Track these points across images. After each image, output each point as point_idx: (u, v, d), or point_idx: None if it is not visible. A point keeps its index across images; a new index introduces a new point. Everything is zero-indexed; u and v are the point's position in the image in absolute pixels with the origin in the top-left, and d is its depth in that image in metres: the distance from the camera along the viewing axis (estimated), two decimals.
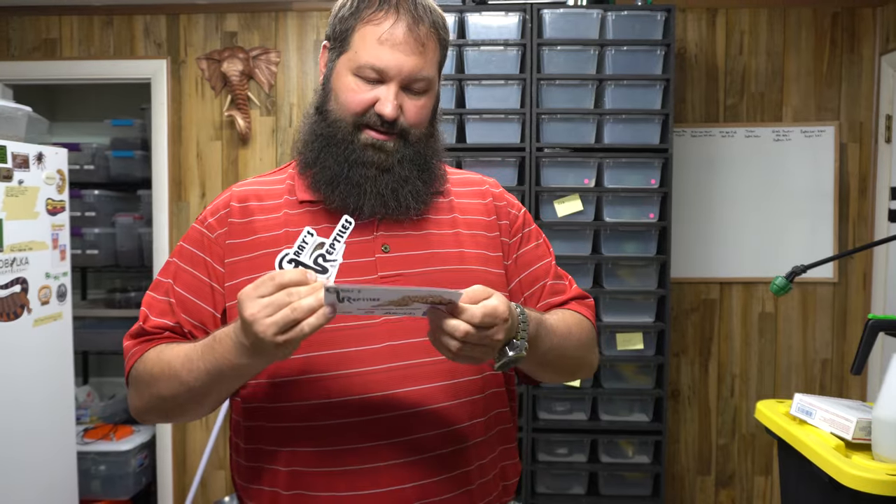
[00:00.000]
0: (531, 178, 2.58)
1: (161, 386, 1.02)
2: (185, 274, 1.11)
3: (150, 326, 1.09)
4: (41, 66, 3.20)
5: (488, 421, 1.14)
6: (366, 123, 1.07)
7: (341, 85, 1.08)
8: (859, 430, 1.48)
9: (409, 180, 1.10)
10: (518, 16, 2.57)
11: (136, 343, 1.09)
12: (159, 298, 1.11)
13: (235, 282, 1.07)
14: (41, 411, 2.54)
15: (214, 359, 0.95)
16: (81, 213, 3.52)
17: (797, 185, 3.03)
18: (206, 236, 1.12)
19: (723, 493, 3.13)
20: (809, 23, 3.00)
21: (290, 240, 1.05)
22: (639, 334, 2.60)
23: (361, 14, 1.07)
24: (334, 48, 1.11)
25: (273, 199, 1.14)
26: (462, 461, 1.09)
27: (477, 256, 1.16)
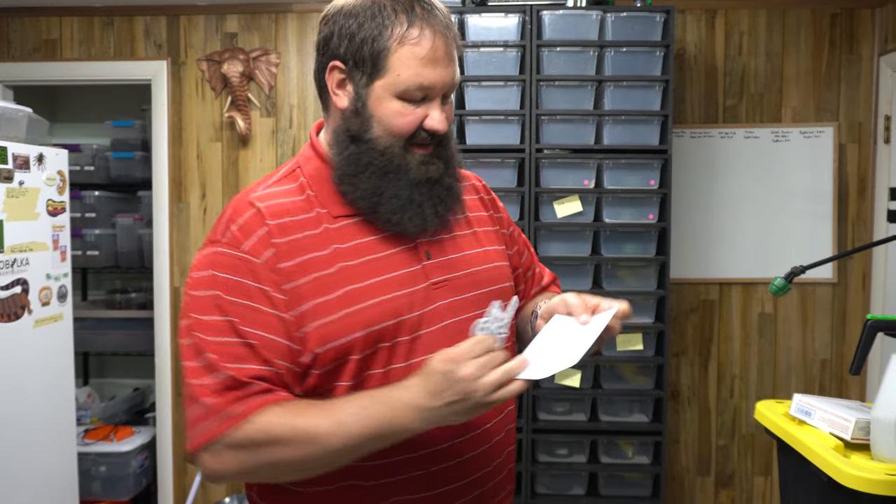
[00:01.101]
0: (531, 180, 2.58)
1: (290, 450, 0.94)
2: (245, 309, 0.98)
3: (244, 377, 0.96)
4: (41, 67, 3.20)
5: (512, 428, 1.22)
6: (414, 142, 1.07)
7: (386, 110, 1.05)
8: (858, 430, 1.48)
9: (452, 187, 1.13)
10: (517, 17, 2.57)
11: (233, 400, 0.95)
12: (225, 341, 0.97)
13: (304, 307, 1.00)
14: (42, 412, 2.54)
15: (378, 424, 0.93)
16: (82, 214, 3.52)
17: (796, 186, 3.03)
18: (251, 262, 1.00)
19: (722, 494, 3.13)
20: (808, 24, 3.01)
21: (342, 257, 1.04)
22: (638, 335, 2.61)
23: (392, 34, 1.03)
24: (360, 71, 1.05)
25: (303, 212, 1.06)
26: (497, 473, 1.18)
27: (496, 253, 1.23)
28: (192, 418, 0.97)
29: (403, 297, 1.06)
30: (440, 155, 1.10)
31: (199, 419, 0.96)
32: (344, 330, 1.01)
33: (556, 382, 2.62)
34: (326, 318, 1.00)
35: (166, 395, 3.21)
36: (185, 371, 0.99)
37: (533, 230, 2.59)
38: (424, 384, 0.94)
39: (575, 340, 1.03)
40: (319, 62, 1.11)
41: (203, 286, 1.01)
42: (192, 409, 0.97)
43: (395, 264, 1.08)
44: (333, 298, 1.01)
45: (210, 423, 0.95)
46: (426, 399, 0.93)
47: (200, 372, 0.97)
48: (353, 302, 1.02)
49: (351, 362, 1.02)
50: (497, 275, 1.20)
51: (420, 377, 0.95)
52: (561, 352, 1.02)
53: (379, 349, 1.04)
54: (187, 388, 0.98)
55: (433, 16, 1.05)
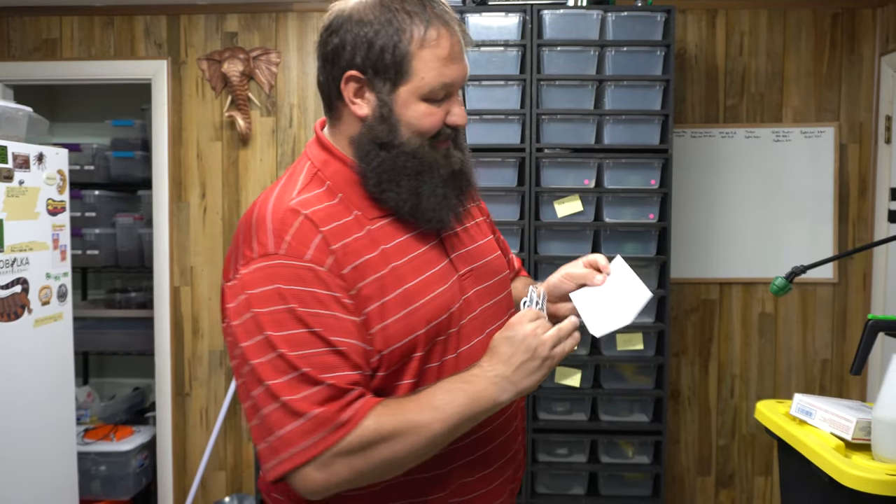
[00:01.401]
0: (531, 179, 2.58)
1: (400, 445, 0.97)
2: (326, 318, 0.98)
3: (344, 384, 0.96)
4: (42, 66, 3.20)
5: (523, 414, 1.32)
6: (437, 139, 1.10)
7: (414, 113, 1.06)
8: (859, 430, 1.48)
9: (471, 175, 1.18)
10: (518, 16, 2.57)
11: (339, 409, 0.95)
12: (315, 352, 0.96)
13: (368, 310, 1.02)
14: (41, 411, 2.54)
15: (469, 403, 1.01)
16: (82, 214, 3.52)
17: (797, 186, 3.03)
18: (317, 271, 0.99)
19: (723, 494, 3.13)
20: (809, 24, 3.01)
21: (391, 258, 1.07)
22: (639, 335, 2.60)
23: (412, 39, 1.04)
24: (383, 79, 1.05)
25: (344, 216, 1.06)
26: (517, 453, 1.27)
27: (493, 242, 1.31)
28: (294, 434, 0.94)
29: (447, 290, 1.11)
30: (458, 146, 1.14)
31: (305, 433, 0.94)
32: (407, 329, 1.04)
33: (556, 382, 2.62)
34: (389, 320, 1.03)
35: (166, 394, 3.21)
36: (274, 389, 0.95)
37: (533, 230, 2.58)
38: (493, 357, 1.04)
39: (615, 301, 1.19)
40: (329, 73, 1.09)
41: (272, 301, 0.97)
42: (291, 425, 0.94)
43: (432, 260, 1.12)
44: (392, 299, 1.04)
45: (319, 435, 0.94)
46: (500, 368, 1.03)
47: (296, 386, 0.95)
48: (411, 301, 1.05)
49: (414, 360, 1.06)
50: (501, 263, 1.28)
51: (487, 354, 1.06)
52: (611, 312, 1.19)
53: (436, 343, 1.08)
54: (279, 406, 0.95)
55: (445, 13, 1.07)
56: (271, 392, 0.95)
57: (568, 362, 2.61)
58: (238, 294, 0.99)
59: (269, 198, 1.06)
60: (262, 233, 1.01)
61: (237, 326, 0.99)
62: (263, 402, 0.96)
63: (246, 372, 0.98)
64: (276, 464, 0.96)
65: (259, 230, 1.02)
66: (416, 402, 1.00)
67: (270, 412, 0.95)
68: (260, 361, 0.96)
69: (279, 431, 0.95)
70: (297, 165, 1.14)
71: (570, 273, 1.25)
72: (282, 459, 0.95)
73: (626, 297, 1.20)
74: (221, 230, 3.19)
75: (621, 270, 1.24)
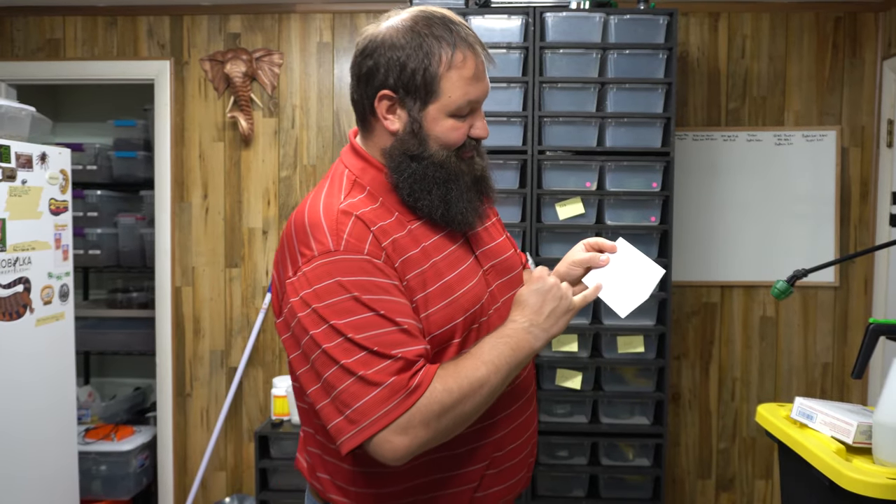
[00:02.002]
0: (533, 181, 2.58)
1: (471, 402, 1.08)
2: (388, 302, 1.08)
3: (413, 356, 1.06)
4: (45, 66, 3.21)
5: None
6: (463, 150, 1.21)
7: (442, 128, 1.17)
8: (860, 433, 1.48)
9: (491, 179, 1.29)
10: (521, 19, 2.57)
11: (411, 376, 1.05)
12: (383, 332, 1.06)
13: (416, 298, 1.13)
14: (43, 411, 2.55)
15: (513, 354, 1.13)
16: (84, 214, 3.52)
17: (799, 189, 3.03)
18: (376, 263, 1.10)
19: (723, 497, 3.13)
20: (812, 27, 3.01)
21: (430, 254, 1.18)
22: (640, 337, 2.60)
23: (441, 62, 1.14)
24: (413, 98, 1.16)
25: (387, 218, 1.16)
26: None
27: (507, 241, 1.41)
28: (373, 402, 1.03)
29: (477, 284, 1.23)
30: (480, 153, 1.25)
31: (383, 400, 1.03)
32: (448, 317, 1.15)
33: (557, 384, 2.62)
34: (432, 309, 1.14)
35: (167, 394, 3.21)
36: (349, 366, 1.04)
37: (535, 232, 2.58)
38: (524, 308, 1.17)
39: (629, 280, 1.29)
40: (364, 91, 1.19)
41: (333, 294, 1.07)
42: (369, 395, 1.03)
43: (462, 256, 1.24)
44: (434, 291, 1.15)
45: (396, 400, 1.03)
46: (533, 317, 1.16)
47: (370, 362, 1.04)
48: (451, 292, 1.17)
49: (452, 346, 1.17)
50: (516, 260, 1.39)
51: (517, 308, 1.18)
52: (628, 291, 1.29)
53: (471, 331, 1.20)
54: (355, 379, 1.04)
55: (469, 36, 1.18)
56: (347, 369, 1.04)
57: (569, 364, 2.61)
58: (304, 288, 1.08)
59: (318, 203, 1.16)
60: (319, 233, 1.11)
61: (305, 317, 1.08)
62: (338, 380, 1.05)
63: (316, 357, 1.07)
64: (355, 433, 1.04)
65: (315, 231, 1.11)
66: (470, 360, 1.10)
67: (346, 387, 1.04)
68: (331, 345, 1.05)
69: (357, 403, 1.03)
70: (335, 173, 1.24)
71: (576, 259, 1.33)
72: (362, 427, 1.03)
73: (640, 275, 1.30)
74: (223, 230, 3.19)
75: (627, 251, 1.31)
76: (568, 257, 1.35)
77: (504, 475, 1.27)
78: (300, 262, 1.11)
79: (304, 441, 1.29)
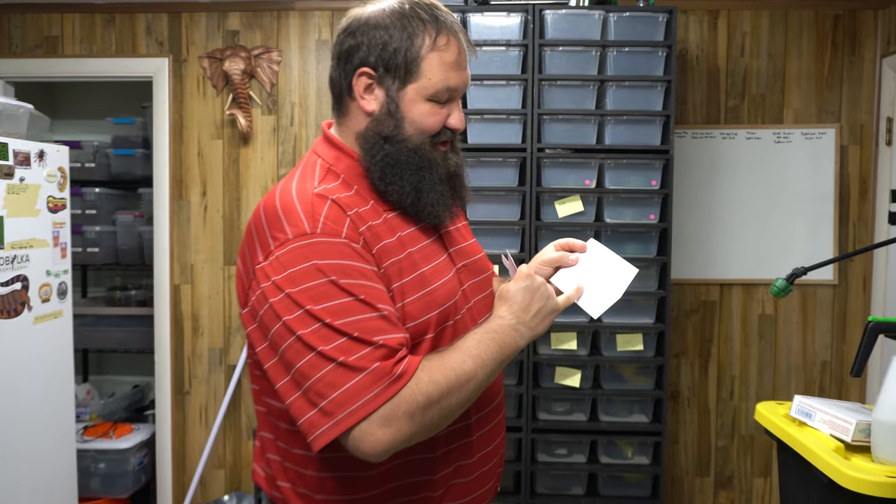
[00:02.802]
0: (532, 179, 2.58)
1: (457, 395, 1.05)
2: (367, 288, 1.03)
3: (394, 344, 1.01)
4: (43, 63, 3.20)
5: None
6: (438, 140, 1.18)
7: (418, 111, 1.15)
8: (858, 432, 1.48)
9: (465, 178, 1.26)
10: (520, 16, 2.57)
11: (394, 364, 0.99)
12: (363, 318, 1.00)
13: (392, 287, 1.10)
14: (41, 409, 2.54)
15: (498, 350, 1.10)
16: (82, 211, 3.52)
17: (798, 187, 3.03)
18: (354, 247, 1.06)
19: (722, 495, 3.13)
20: (811, 25, 3.01)
21: (406, 244, 1.15)
22: (639, 335, 2.60)
23: (424, 42, 1.13)
24: (391, 76, 1.14)
25: (362, 205, 1.13)
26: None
27: (478, 244, 1.39)
28: (354, 389, 0.97)
29: (451, 279, 1.20)
30: (455, 149, 1.23)
31: (365, 387, 0.97)
32: (423, 309, 1.12)
33: (556, 382, 2.62)
34: (408, 299, 1.10)
35: (166, 392, 3.21)
36: (327, 352, 0.98)
37: (534, 230, 2.58)
38: (511, 304, 1.16)
39: (601, 280, 1.28)
40: (342, 69, 1.17)
41: (309, 278, 1.01)
42: (350, 382, 0.97)
43: (437, 252, 1.21)
44: (409, 281, 1.12)
45: (380, 387, 0.97)
46: (520, 314, 1.15)
47: (350, 348, 0.98)
48: (426, 284, 1.14)
49: (425, 342, 1.12)
50: (487, 263, 1.38)
51: (504, 304, 1.16)
52: (601, 291, 1.27)
53: (445, 328, 1.16)
54: (334, 366, 0.97)
55: (454, 24, 1.17)
56: (324, 356, 0.98)
57: (568, 362, 2.61)
58: (277, 273, 1.02)
59: (289, 188, 1.12)
60: (293, 217, 1.06)
61: (277, 303, 1.01)
62: (313, 368, 0.98)
63: (288, 345, 1.00)
64: (331, 425, 0.96)
65: (289, 215, 1.06)
66: (457, 353, 1.07)
67: (323, 375, 0.97)
68: (307, 332, 0.99)
69: (334, 393, 0.96)
70: (308, 162, 1.20)
71: (545, 258, 1.32)
72: (339, 419, 0.96)
73: (612, 274, 1.29)
74: (222, 228, 3.19)
75: (598, 251, 1.31)
76: (538, 257, 1.34)
77: (472, 485, 1.22)
78: (272, 245, 1.05)
79: (262, 448, 1.21)
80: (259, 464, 1.23)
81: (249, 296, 1.08)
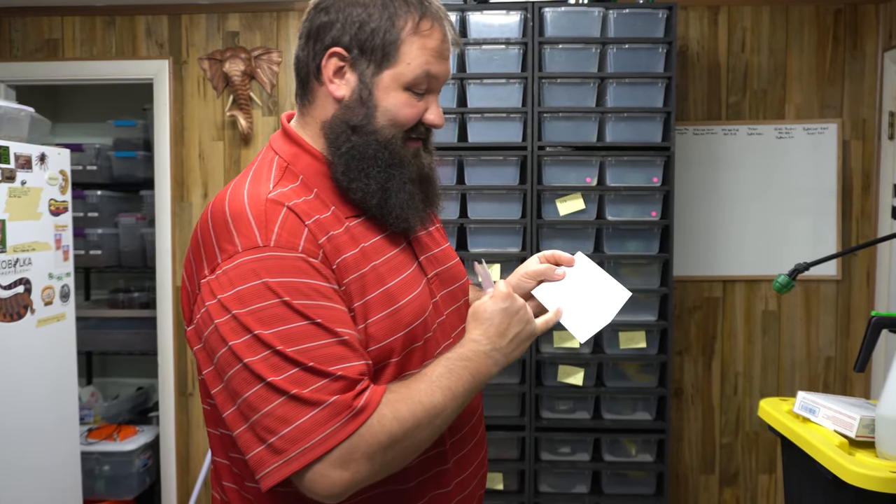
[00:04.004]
0: (533, 177, 2.57)
1: (422, 433, 0.94)
2: (325, 309, 0.92)
3: (354, 374, 0.90)
4: (44, 66, 3.21)
5: None
6: (411, 136, 1.07)
7: (393, 101, 1.03)
8: (863, 427, 1.48)
9: (437, 181, 1.15)
10: (519, 14, 2.57)
11: (354, 397, 0.89)
12: (320, 344, 0.89)
13: (354, 306, 0.98)
14: (45, 412, 2.55)
15: (470, 379, 1.00)
16: (84, 214, 3.53)
17: (800, 183, 3.02)
18: (312, 262, 0.94)
19: (727, 492, 3.12)
20: (812, 20, 3.00)
21: (370, 256, 1.02)
22: (641, 333, 2.60)
23: (406, 25, 1.02)
24: (366, 59, 1.02)
25: (322, 212, 1.01)
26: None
27: (452, 249, 1.29)
28: (308, 425, 0.86)
29: (420, 294, 1.08)
30: (429, 149, 1.12)
31: (321, 423, 0.86)
32: (389, 330, 1.00)
33: (559, 380, 2.61)
34: (372, 319, 0.99)
35: (169, 394, 3.21)
36: (278, 384, 0.87)
37: (535, 228, 2.58)
38: (488, 329, 1.04)
39: (590, 300, 1.18)
40: (311, 48, 1.06)
41: (259, 298, 0.89)
42: (305, 417, 0.86)
43: (405, 262, 1.09)
44: (374, 298, 1.00)
45: (338, 423, 0.87)
46: (496, 341, 1.04)
47: (305, 379, 0.87)
48: (393, 301, 1.02)
49: (390, 366, 1.01)
50: (461, 269, 1.27)
51: (479, 326, 1.05)
52: (589, 313, 1.17)
53: (413, 350, 1.05)
54: (285, 399, 0.87)
55: (440, 10, 1.06)
56: (274, 387, 0.87)
57: (571, 361, 2.61)
58: (223, 290, 0.91)
59: (241, 191, 0.99)
60: (243, 226, 0.94)
61: (223, 324, 0.90)
62: (262, 400, 0.87)
63: (234, 373, 0.89)
64: (280, 464, 0.86)
65: (239, 223, 0.94)
66: (424, 383, 0.96)
67: (273, 409, 0.86)
68: (255, 359, 0.88)
69: (285, 429, 0.86)
70: (262, 159, 1.07)
71: (529, 271, 1.22)
72: (290, 458, 0.86)
73: (602, 296, 1.19)
74: None
75: (587, 267, 1.21)
76: (521, 268, 1.23)
77: None
78: (220, 258, 0.93)
79: (217, 474, 1.08)
80: (216, 489, 1.09)
81: (195, 312, 0.96)
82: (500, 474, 2.64)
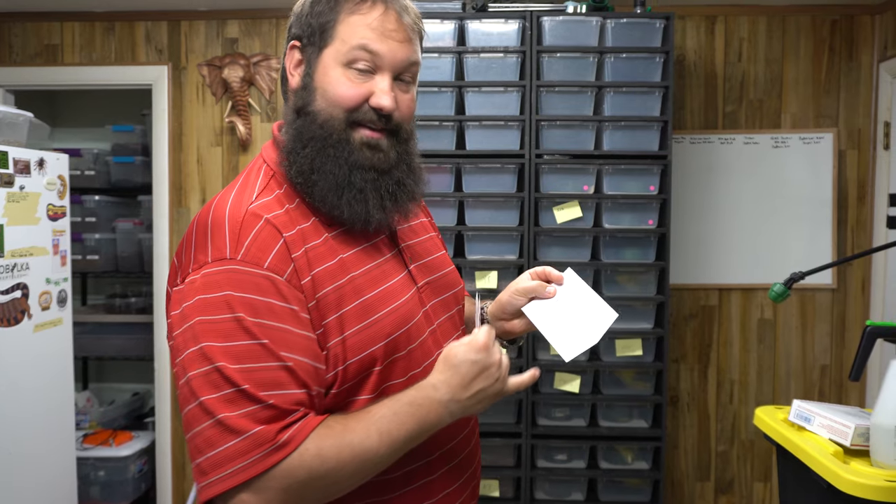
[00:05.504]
0: (530, 185, 2.58)
1: (346, 473, 0.91)
2: (276, 331, 0.91)
3: (288, 404, 0.89)
4: (43, 71, 3.21)
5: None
6: (359, 121, 1.02)
7: (330, 79, 1.01)
8: (857, 436, 1.48)
9: (405, 184, 1.07)
10: (518, 23, 2.58)
11: (280, 430, 0.87)
12: (260, 367, 0.89)
13: (326, 322, 0.96)
14: (41, 417, 2.54)
15: (415, 426, 0.95)
16: (82, 219, 3.52)
17: (796, 192, 3.03)
18: (276, 281, 0.92)
19: (722, 500, 3.12)
20: (808, 30, 3.02)
21: (349, 268, 1.01)
22: (638, 340, 2.60)
23: (342, 6, 1.01)
24: (311, 45, 1.03)
25: (303, 222, 1.00)
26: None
27: (447, 257, 1.28)
28: (228, 453, 0.86)
29: (406, 302, 1.06)
30: (393, 146, 1.06)
31: (241, 453, 0.86)
32: (366, 342, 0.99)
33: (555, 387, 2.62)
34: (348, 332, 0.97)
35: (165, 399, 3.21)
36: (208, 405, 0.87)
37: (533, 236, 2.59)
38: (451, 377, 0.98)
39: (577, 319, 1.16)
40: (284, 53, 1.09)
41: (216, 310, 0.90)
42: (226, 444, 0.86)
43: (390, 271, 1.07)
44: (350, 310, 0.98)
45: (256, 456, 0.86)
46: (457, 392, 0.98)
47: (235, 403, 0.87)
48: (371, 313, 1.00)
49: (373, 375, 1.00)
50: (455, 278, 1.25)
51: (445, 372, 0.99)
52: (576, 332, 1.15)
53: (398, 358, 1.03)
54: (213, 423, 0.87)
55: None
56: (205, 408, 0.87)
57: (567, 368, 2.61)
58: (185, 300, 0.92)
59: (226, 200, 0.99)
60: (218, 236, 0.94)
61: (179, 335, 0.91)
62: (196, 420, 0.88)
63: (182, 384, 0.90)
64: (206, 485, 0.87)
65: (215, 233, 0.95)
66: (362, 422, 0.93)
67: (203, 429, 0.87)
68: (196, 374, 0.88)
69: (211, 452, 0.87)
70: (252, 167, 1.08)
71: (520, 287, 1.20)
72: (213, 481, 0.86)
73: (590, 316, 1.17)
74: None
75: (576, 285, 1.20)
76: (512, 286, 1.21)
77: None
78: (190, 268, 0.94)
79: None
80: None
81: (167, 319, 0.97)
82: (496, 481, 2.64)
